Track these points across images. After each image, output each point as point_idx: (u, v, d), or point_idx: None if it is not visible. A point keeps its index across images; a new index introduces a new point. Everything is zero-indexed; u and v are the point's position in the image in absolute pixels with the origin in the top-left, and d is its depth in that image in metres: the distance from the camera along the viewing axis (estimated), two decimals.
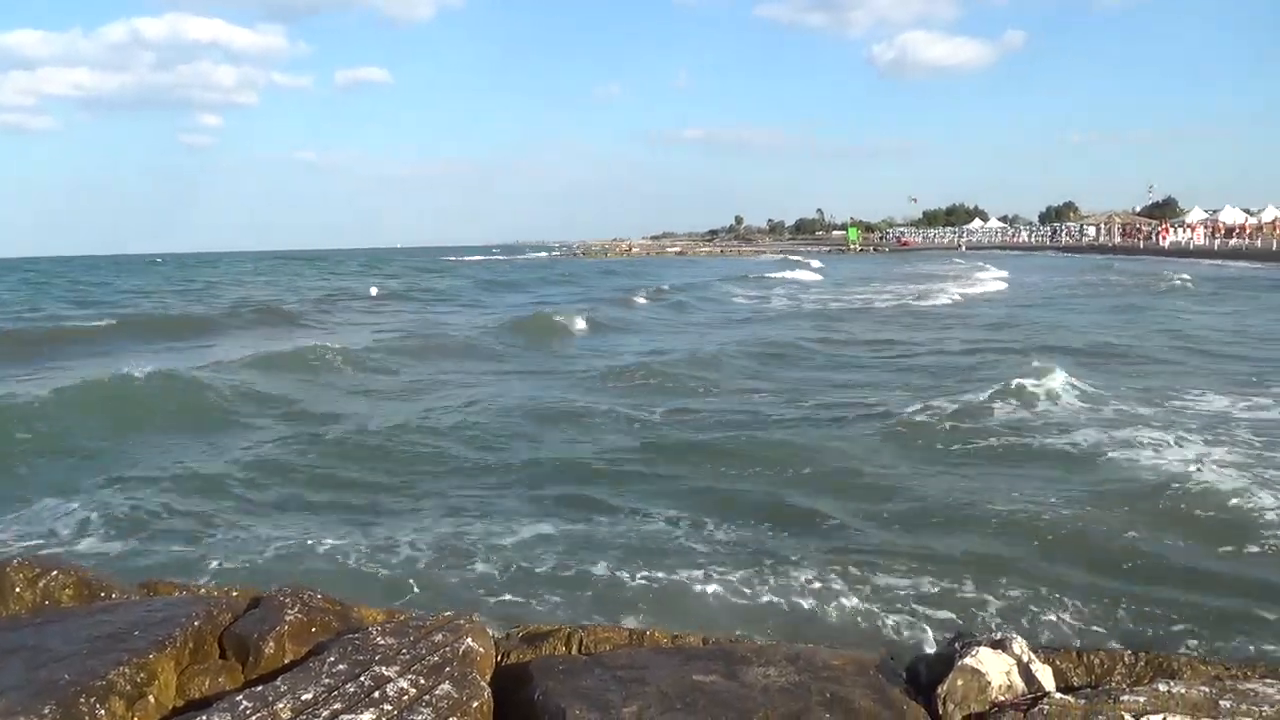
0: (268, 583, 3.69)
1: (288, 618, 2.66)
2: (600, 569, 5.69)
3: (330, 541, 6.26)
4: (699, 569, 5.63)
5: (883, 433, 9.26)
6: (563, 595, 5.34)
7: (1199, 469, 7.39)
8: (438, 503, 7.29)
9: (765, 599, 5.25)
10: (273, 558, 6.03)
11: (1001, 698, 2.25)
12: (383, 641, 2.50)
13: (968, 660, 2.31)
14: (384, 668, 2.35)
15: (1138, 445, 8.40)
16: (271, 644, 2.58)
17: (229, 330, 23.66)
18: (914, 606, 5.11)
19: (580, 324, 21.98)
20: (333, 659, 2.40)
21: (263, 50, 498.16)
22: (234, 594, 3.08)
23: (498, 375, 14.62)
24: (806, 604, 5.18)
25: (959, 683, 2.27)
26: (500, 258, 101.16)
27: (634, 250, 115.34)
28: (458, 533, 6.44)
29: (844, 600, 5.19)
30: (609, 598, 5.28)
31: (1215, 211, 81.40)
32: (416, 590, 5.49)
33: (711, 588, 5.38)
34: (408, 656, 2.41)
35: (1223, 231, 71.81)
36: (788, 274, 46.45)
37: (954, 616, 4.99)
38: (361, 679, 2.30)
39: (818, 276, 46.11)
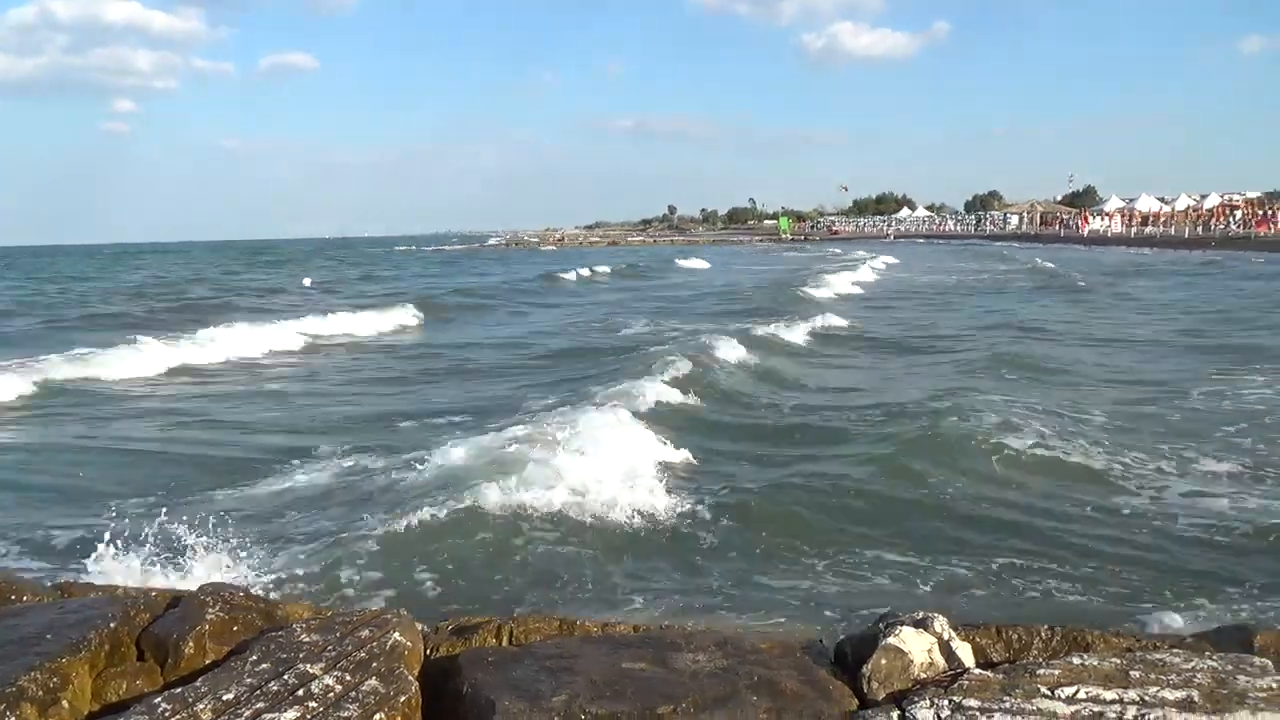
0: None
1: (209, 616, 2.60)
2: None
3: None
4: None
5: None
6: None
7: None
8: None
9: None
10: None
11: (923, 675, 2.31)
12: (307, 639, 2.46)
13: (891, 640, 2.36)
14: (309, 665, 2.31)
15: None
16: (192, 644, 2.51)
17: None
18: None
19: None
20: (255, 658, 2.36)
21: (182, 34, 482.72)
22: (153, 594, 3.00)
23: None
24: None
25: (883, 662, 2.31)
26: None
27: (564, 240, 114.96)
28: None
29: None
30: None
31: (1132, 200, 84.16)
32: None
33: None
34: (333, 653, 2.38)
35: (1139, 219, 74.23)
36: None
37: None
38: (285, 677, 2.26)
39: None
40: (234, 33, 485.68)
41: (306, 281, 39.46)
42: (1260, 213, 64.42)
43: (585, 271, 41.78)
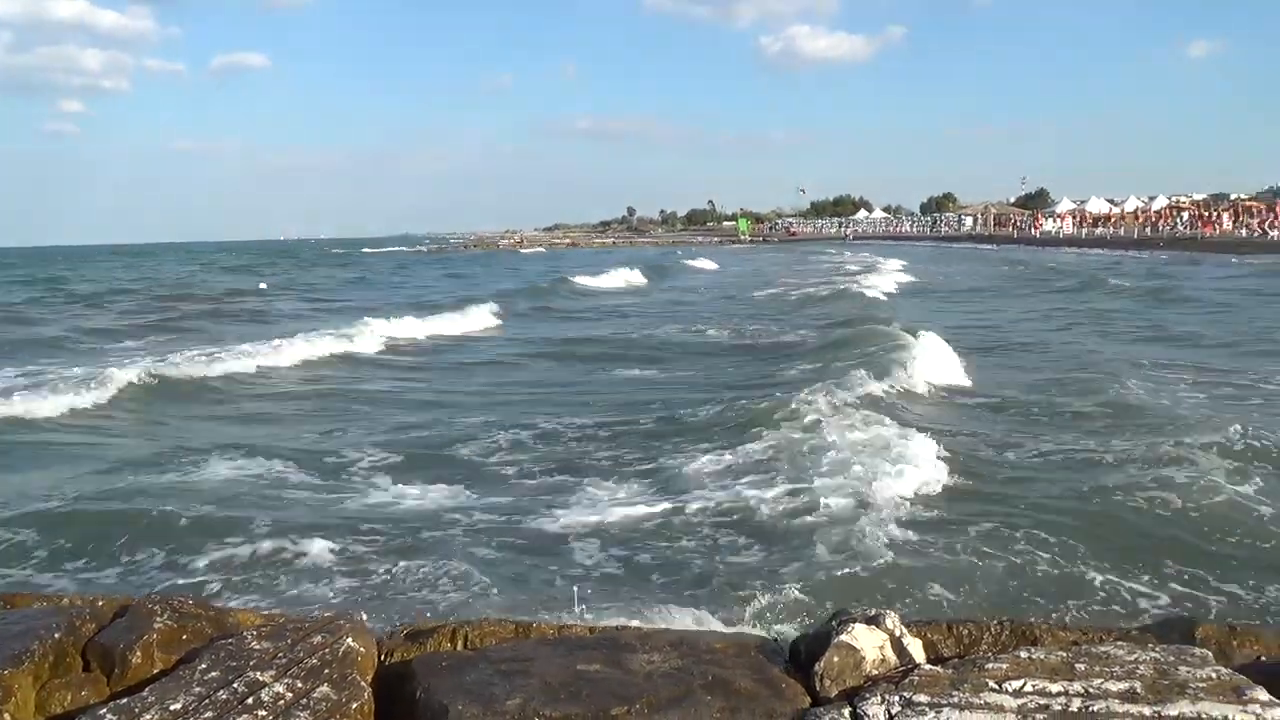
0: None
1: (156, 625, 2.55)
2: None
3: None
4: None
5: None
6: None
7: None
8: None
9: None
10: None
11: (875, 672, 2.33)
12: (258, 646, 2.43)
13: (843, 637, 2.38)
14: (259, 673, 2.28)
15: None
16: (139, 653, 2.47)
17: None
18: None
19: None
20: (204, 666, 2.32)
21: (132, 33, 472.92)
22: (100, 603, 2.94)
23: None
24: None
25: (835, 659, 2.34)
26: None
27: (523, 242, 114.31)
28: None
29: None
30: None
31: (1083, 202, 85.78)
32: None
33: None
34: (284, 660, 2.35)
35: (1090, 221, 75.68)
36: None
37: None
38: (234, 685, 2.23)
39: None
40: (185, 31, 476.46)
41: (263, 285, 38.93)
42: (1206, 214, 66.03)
43: (588, 279, 37.07)
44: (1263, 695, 2.11)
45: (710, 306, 26.33)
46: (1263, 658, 2.65)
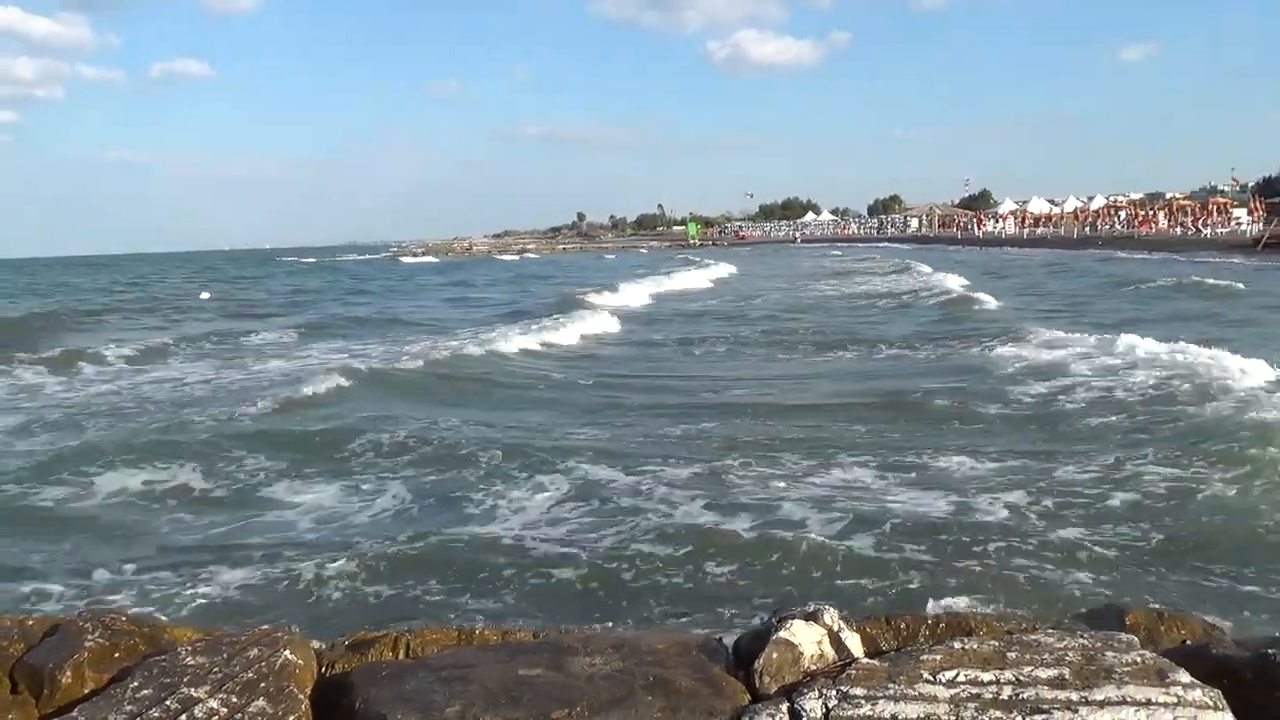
0: None
1: (87, 644, 2.50)
2: None
3: None
4: None
5: None
6: None
7: None
8: None
9: None
10: None
11: (814, 667, 2.36)
12: (192, 661, 2.39)
13: (782, 634, 2.40)
14: (193, 689, 2.25)
15: None
16: (69, 673, 2.42)
17: None
18: None
19: None
20: (136, 684, 2.28)
21: (66, 41, 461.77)
22: (29, 622, 2.87)
23: None
24: None
25: (774, 655, 2.36)
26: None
27: (474, 248, 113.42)
28: None
29: None
30: None
31: (1024, 202, 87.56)
32: None
33: None
34: (219, 675, 2.32)
35: (1031, 221, 77.24)
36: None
37: None
38: (167, 703, 2.19)
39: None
40: (123, 39, 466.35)
41: (204, 295, 38.17)
42: (1142, 213, 67.78)
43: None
44: (1185, 678, 2.17)
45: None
46: (1188, 641, 2.73)
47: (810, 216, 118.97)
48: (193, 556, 6.04)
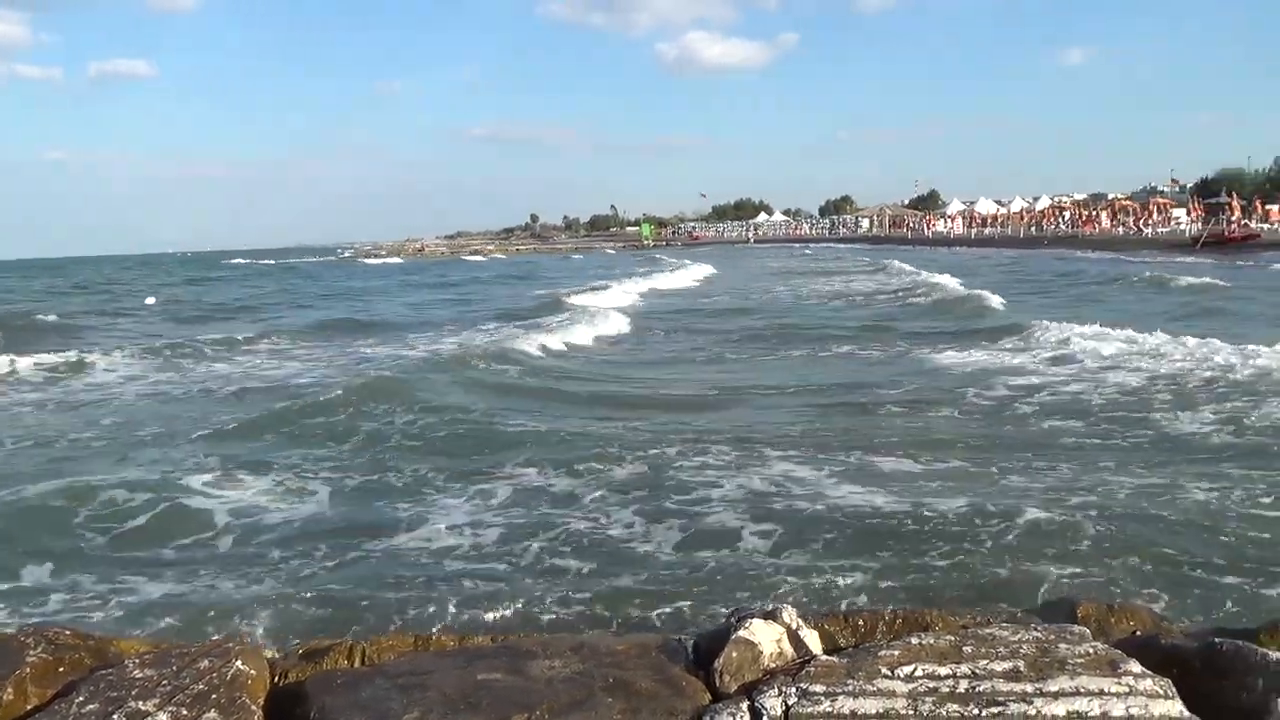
0: None
1: (29, 659, 2.43)
2: None
3: None
4: None
5: None
6: None
7: None
8: None
9: None
10: None
11: (773, 665, 2.37)
12: (140, 674, 2.33)
13: (741, 633, 2.41)
14: (141, 702, 2.19)
15: None
16: (10, 689, 2.34)
17: None
18: None
19: None
20: (82, 699, 2.22)
21: (3, 39, 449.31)
22: None
23: None
24: None
25: (734, 655, 2.36)
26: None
27: (427, 250, 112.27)
28: None
29: None
30: None
31: (972, 203, 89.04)
32: None
33: None
34: (169, 688, 2.26)
35: (979, 221, 78.57)
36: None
37: None
38: (115, 717, 2.13)
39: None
40: (63, 39, 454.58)
41: (150, 300, 37.38)
42: (1086, 214, 69.28)
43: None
44: (1135, 668, 2.21)
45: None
46: (1138, 632, 2.79)
47: (763, 217, 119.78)
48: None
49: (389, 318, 26.46)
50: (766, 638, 2.42)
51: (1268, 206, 53.19)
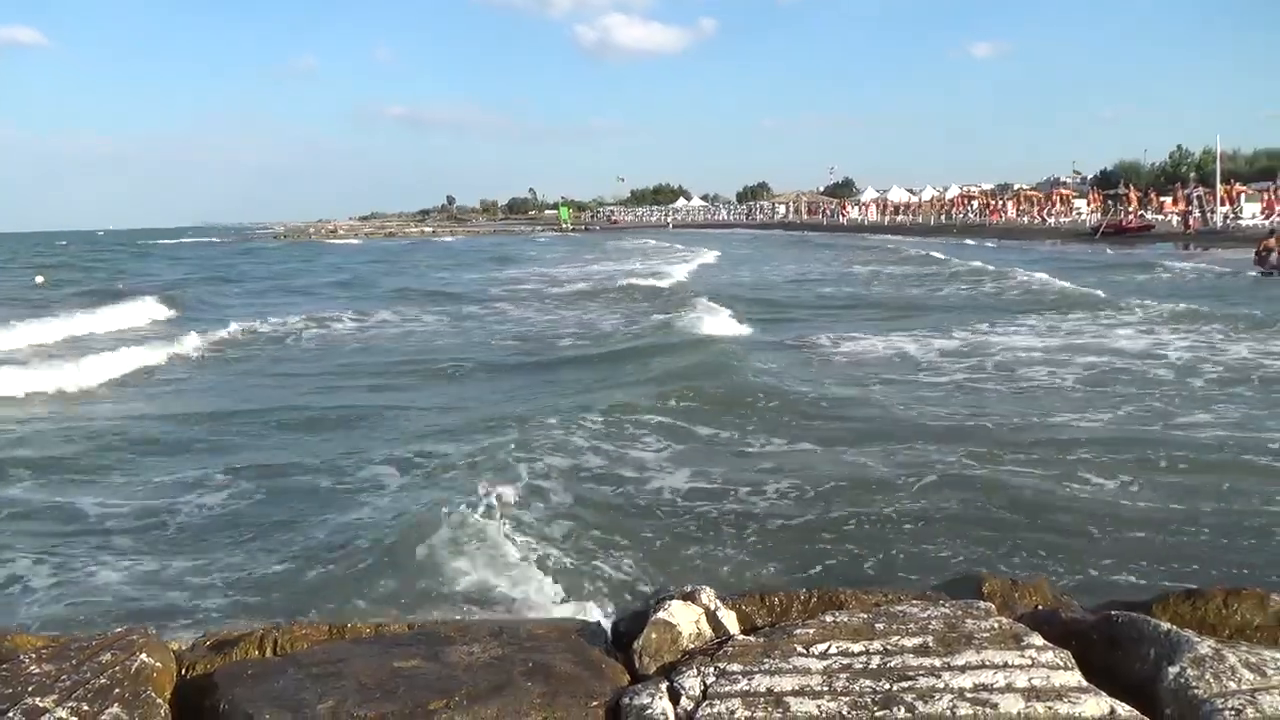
0: None
1: None
2: None
3: None
4: None
5: None
6: None
7: None
8: None
9: None
10: None
11: (692, 645, 2.39)
12: (38, 670, 2.24)
13: (660, 614, 2.43)
14: (38, 699, 2.10)
15: None
16: None
17: None
18: None
19: None
20: None
21: None
22: None
23: None
24: None
25: (653, 636, 2.38)
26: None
27: (340, 231, 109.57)
28: None
29: None
30: None
31: (885, 191, 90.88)
32: None
33: None
34: (68, 683, 2.18)
35: (892, 209, 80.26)
36: None
37: None
38: (10, 715, 2.04)
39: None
40: None
41: (39, 279, 35.70)
42: (993, 203, 71.36)
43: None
44: (1038, 640, 2.30)
45: None
46: (1039, 606, 2.89)
47: (682, 202, 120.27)
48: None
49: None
50: (685, 619, 2.44)
51: (1162, 198, 55.51)
